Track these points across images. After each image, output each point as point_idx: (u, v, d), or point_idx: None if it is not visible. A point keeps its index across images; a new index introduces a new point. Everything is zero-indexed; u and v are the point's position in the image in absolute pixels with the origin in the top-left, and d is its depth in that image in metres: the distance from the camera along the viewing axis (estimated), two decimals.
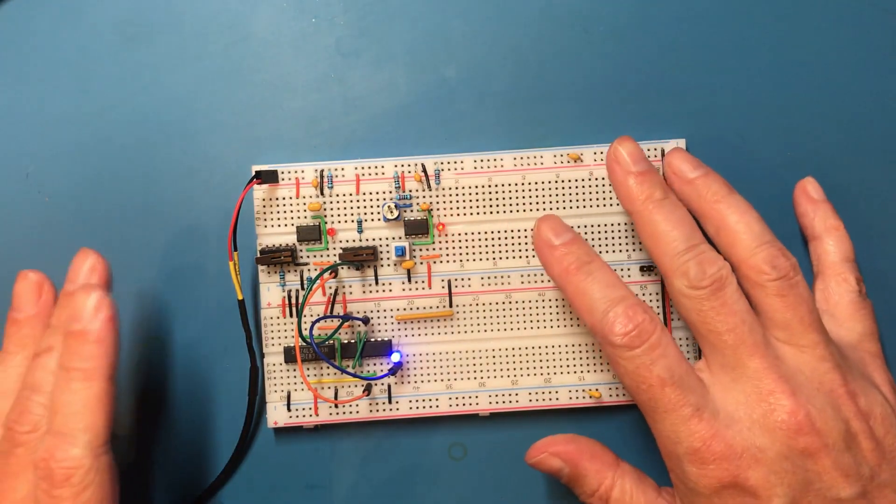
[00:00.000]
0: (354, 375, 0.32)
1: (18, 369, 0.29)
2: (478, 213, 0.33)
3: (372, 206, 0.33)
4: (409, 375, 0.33)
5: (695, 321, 0.28)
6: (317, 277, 0.32)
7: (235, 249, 0.31)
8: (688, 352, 0.32)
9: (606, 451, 0.30)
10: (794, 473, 0.26)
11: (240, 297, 0.32)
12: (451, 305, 0.33)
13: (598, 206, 0.33)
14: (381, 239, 0.33)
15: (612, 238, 0.33)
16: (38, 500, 0.26)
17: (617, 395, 0.33)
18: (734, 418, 0.26)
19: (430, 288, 0.33)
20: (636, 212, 0.29)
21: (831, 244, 0.31)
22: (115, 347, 0.27)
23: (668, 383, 0.27)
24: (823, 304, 0.31)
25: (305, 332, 0.31)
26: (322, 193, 0.32)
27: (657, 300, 0.33)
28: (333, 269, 0.32)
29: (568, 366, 0.33)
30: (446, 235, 0.33)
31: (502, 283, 0.33)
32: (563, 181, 0.33)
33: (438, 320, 0.33)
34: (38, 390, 0.27)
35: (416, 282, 0.33)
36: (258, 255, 0.32)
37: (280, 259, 0.32)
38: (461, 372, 0.33)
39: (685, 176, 0.30)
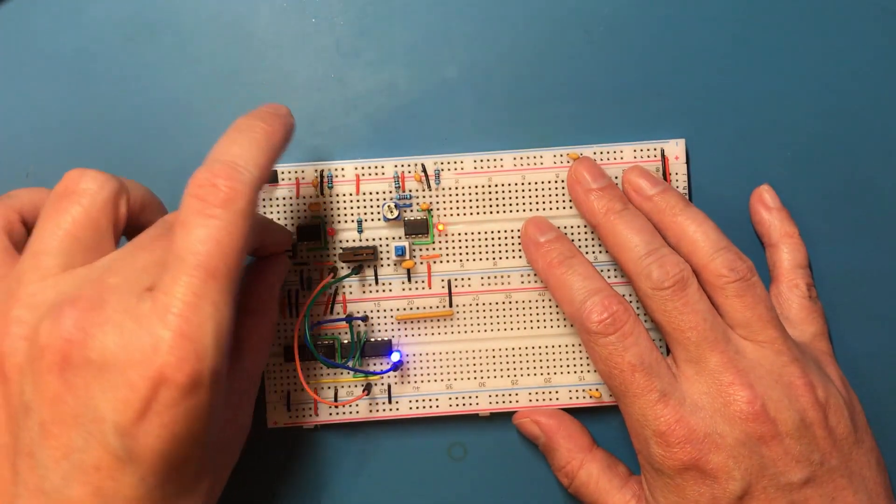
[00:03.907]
0: (356, 370, 0.32)
1: None
2: (478, 213, 0.33)
3: (372, 206, 0.33)
4: (409, 375, 0.33)
5: (660, 320, 0.29)
6: (324, 288, 0.32)
7: None
8: (659, 346, 0.32)
9: (584, 434, 0.32)
10: (750, 459, 0.28)
11: None
12: (451, 305, 0.33)
13: None
14: (381, 239, 0.33)
15: None
16: (182, 224, 0.24)
17: None
18: (698, 406, 0.28)
19: (430, 288, 0.33)
20: (599, 224, 0.31)
21: (785, 251, 0.32)
22: (288, 138, 0.28)
23: (637, 369, 0.29)
24: (777, 309, 0.32)
25: (307, 335, 0.31)
26: (322, 193, 0.32)
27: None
28: (332, 271, 0.32)
29: (568, 366, 0.33)
30: (446, 235, 0.33)
31: (502, 283, 0.33)
32: (562, 181, 0.33)
33: (438, 320, 0.33)
34: None
35: (416, 282, 0.33)
36: None
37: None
38: (461, 372, 0.33)
39: (644, 193, 0.31)
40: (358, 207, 0.33)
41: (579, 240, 0.33)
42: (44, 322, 0.23)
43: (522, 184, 0.33)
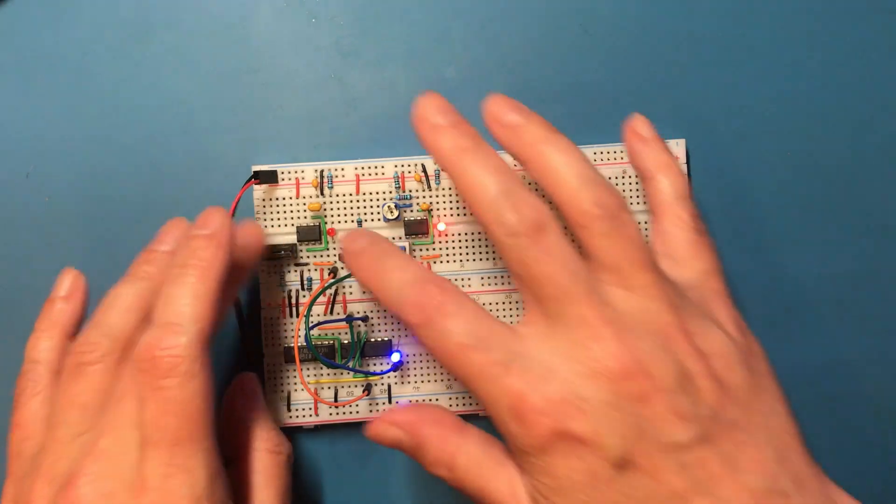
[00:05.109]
0: (356, 371, 0.32)
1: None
2: None
3: (372, 206, 0.33)
4: (409, 376, 0.33)
5: (517, 271, 0.26)
6: (325, 288, 0.32)
7: None
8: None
9: (450, 416, 0.28)
10: (623, 421, 0.24)
11: (237, 297, 0.32)
12: None
13: None
14: None
15: None
16: (139, 398, 0.25)
17: None
18: (551, 369, 0.24)
19: None
20: (448, 165, 0.27)
21: (664, 182, 0.29)
22: (229, 256, 0.27)
23: (469, 348, 0.25)
24: (660, 247, 0.29)
25: (308, 335, 0.31)
26: (322, 193, 0.32)
27: None
28: (332, 271, 0.32)
29: None
30: (446, 235, 0.33)
31: (502, 283, 0.33)
32: None
33: None
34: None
35: None
36: None
37: (281, 255, 0.32)
38: None
39: (504, 120, 0.27)
40: (358, 207, 0.33)
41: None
42: (58, 499, 0.25)
43: None
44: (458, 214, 0.33)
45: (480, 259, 0.33)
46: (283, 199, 0.32)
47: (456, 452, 0.27)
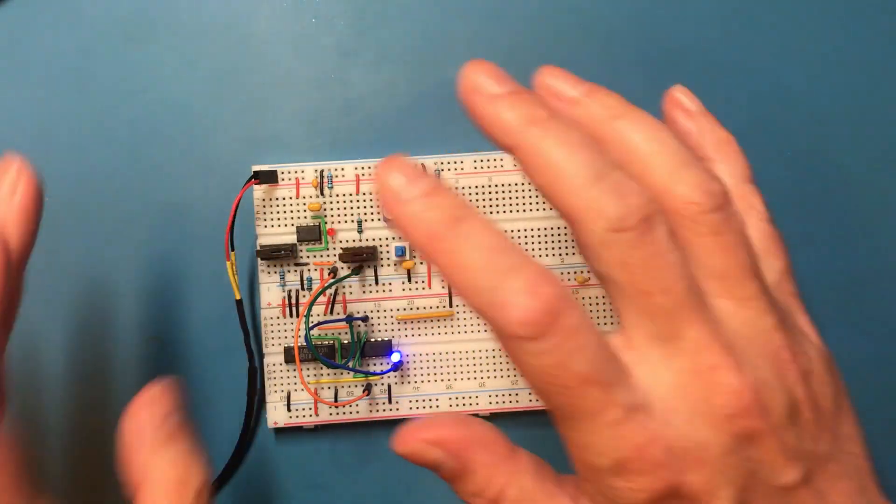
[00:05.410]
0: (356, 371, 0.32)
1: None
2: None
3: (372, 206, 0.33)
4: (409, 375, 0.33)
5: (618, 278, 0.20)
6: (325, 288, 0.32)
7: (233, 249, 0.31)
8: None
9: (500, 437, 0.23)
10: (738, 468, 0.20)
11: (237, 297, 0.32)
12: (451, 305, 0.33)
13: None
14: (381, 239, 0.33)
15: None
16: None
17: None
18: (671, 410, 0.20)
19: (430, 288, 0.33)
20: (517, 145, 0.21)
21: (725, 165, 0.24)
22: None
23: (590, 380, 0.19)
24: None
25: (308, 335, 0.31)
26: (322, 193, 0.32)
27: None
28: (332, 271, 0.32)
29: None
30: None
31: None
32: None
33: (438, 320, 0.33)
34: None
35: (416, 282, 0.33)
36: (258, 249, 0.32)
37: (281, 254, 0.32)
38: (461, 372, 0.33)
39: (566, 95, 0.23)
40: (358, 207, 0.33)
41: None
42: None
43: (522, 184, 0.33)
44: None
45: None
46: (283, 199, 0.32)
47: (506, 485, 0.22)
